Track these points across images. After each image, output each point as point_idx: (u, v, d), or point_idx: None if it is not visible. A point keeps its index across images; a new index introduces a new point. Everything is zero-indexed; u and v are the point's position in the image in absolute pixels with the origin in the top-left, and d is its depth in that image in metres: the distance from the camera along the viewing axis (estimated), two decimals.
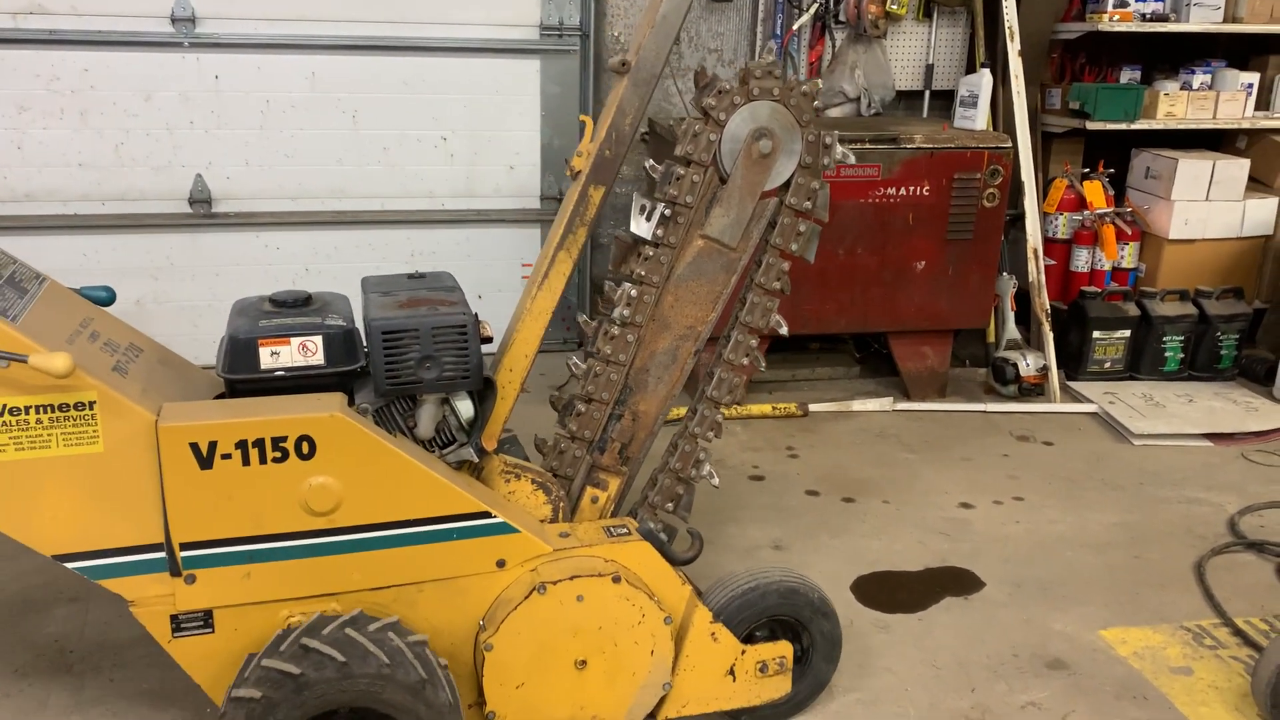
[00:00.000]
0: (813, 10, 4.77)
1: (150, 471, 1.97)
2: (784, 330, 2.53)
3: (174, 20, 4.23)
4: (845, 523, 3.46)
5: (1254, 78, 4.90)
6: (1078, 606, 2.99)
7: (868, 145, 4.21)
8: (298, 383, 2.15)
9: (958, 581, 3.13)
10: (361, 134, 4.53)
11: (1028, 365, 4.55)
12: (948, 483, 3.77)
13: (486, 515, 2.19)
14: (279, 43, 4.34)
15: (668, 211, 2.38)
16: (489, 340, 2.38)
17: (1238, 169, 4.84)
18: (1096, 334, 4.73)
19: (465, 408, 2.34)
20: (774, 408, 4.39)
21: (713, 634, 2.34)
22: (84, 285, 2.26)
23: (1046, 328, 4.63)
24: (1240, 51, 5.11)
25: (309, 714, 1.97)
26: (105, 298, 2.26)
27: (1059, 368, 4.67)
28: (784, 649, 2.41)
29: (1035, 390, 4.57)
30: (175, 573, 2.04)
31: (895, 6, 4.70)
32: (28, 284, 2.04)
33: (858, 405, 4.51)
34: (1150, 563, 3.24)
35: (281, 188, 4.53)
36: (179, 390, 2.15)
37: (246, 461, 1.99)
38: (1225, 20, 4.74)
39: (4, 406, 1.87)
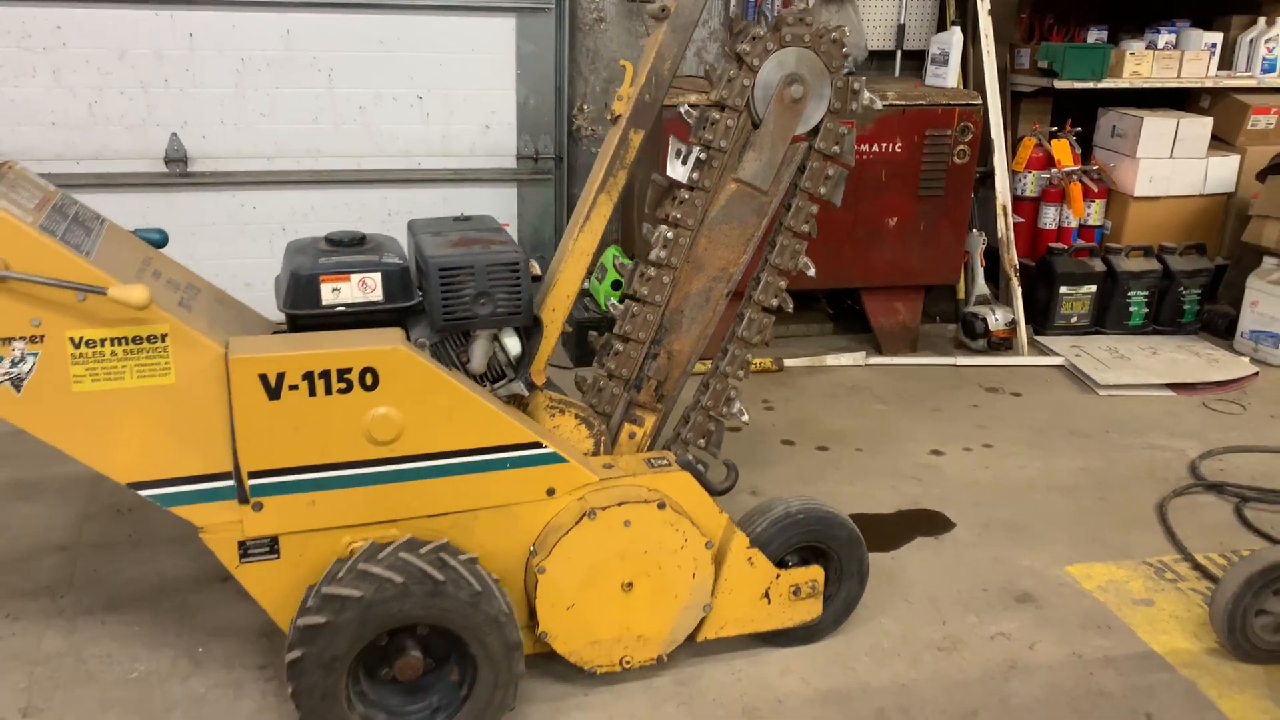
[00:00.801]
0: None
1: (220, 402, 2.08)
2: (811, 272, 2.67)
3: None
4: (820, 470, 3.56)
5: (1217, 38, 5.04)
6: (1045, 545, 3.11)
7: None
8: (357, 318, 2.28)
9: (929, 523, 3.24)
10: (337, 93, 4.55)
11: (996, 320, 4.66)
12: (919, 432, 3.88)
13: (538, 445, 2.32)
14: (252, 1, 4.31)
15: (703, 155, 2.48)
16: (538, 278, 2.53)
17: (1201, 127, 4.97)
18: (1063, 289, 4.85)
19: (513, 344, 2.47)
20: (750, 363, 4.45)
21: (749, 559, 2.50)
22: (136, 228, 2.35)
23: (1015, 283, 4.75)
24: (1205, 12, 5.25)
25: (372, 634, 2.10)
26: (159, 239, 2.37)
27: (1027, 322, 4.80)
28: (816, 573, 2.58)
29: (1004, 344, 4.69)
30: (243, 500, 2.15)
31: None
32: (91, 223, 2.15)
33: (831, 360, 4.60)
34: (1114, 504, 3.37)
35: (257, 147, 4.55)
36: (239, 326, 2.28)
37: (313, 392, 2.09)
38: None
39: (80, 339, 1.97)
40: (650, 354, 2.61)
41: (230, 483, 2.13)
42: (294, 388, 2.07)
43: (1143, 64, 4.98)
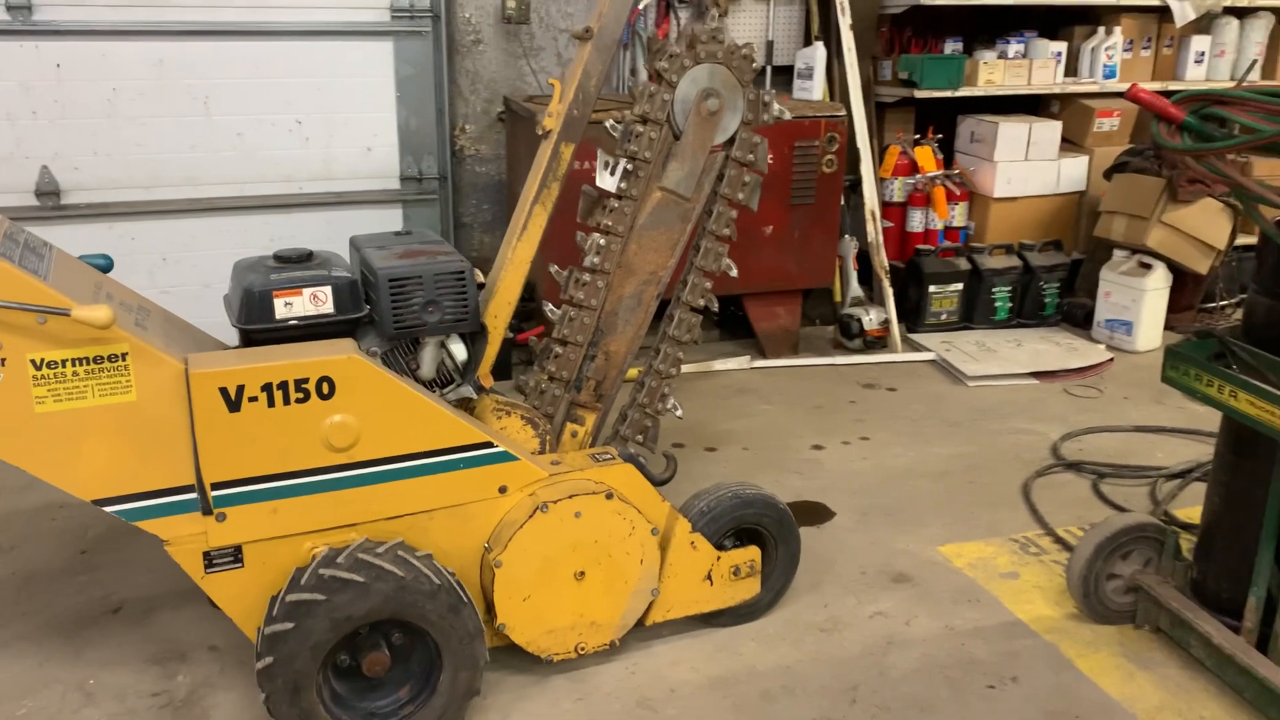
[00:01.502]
0: None
1: (181, 417, 2.19)
2: (734, 272, 2.91)
3: (9, 8, 4.18)
4: (707, 469, 3.70)
5: (1062, 47, 5.39)
6: (919, 528, 3.27)
7: None
8: (309, 331, 2.42)
9: (811, 513, 3.39)
10: (214, 120, 4.55)
11: (871, 320, 4.87)
12: (801, 429, 4.04)
13: (489, 445, 2.47)
14: (123, 29, 4.39)
15: (629, 166, 2.70)
16: (481, 286, 2.70)
17: (1052, 131, 5.29)
18: (932, 288, 5.09)
19: (459, 350, 2.65)
20: (640, 371, 4.55)
21: (692, 543, 2.70)
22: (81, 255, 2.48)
23: (886, 285, 4.97)
24: (1051, 22, 5.60)
25: (339, 634, 2.21)
26: (104, 265, 2.49)
27: (900, 321, 5.02)
28: (753, 553, 2.79)
29: (879, 343, 4.91)
30: (207, 511, 2.25)
31: None
32: (41, 250, 2.27)
33: (718, 365, 4.73)
34: (983, 486, 3.56)
35: (133, 177, 4.53)
36: (192, 343, 2.42)
37: (272, 403, 2.22)
38: None
39: (42, 360, 2.07)
40: (589, 356, 2.81)
41: (193, 495, 2.24)
42: (253, 399, 2.20)
43: (995, 73, 5.28)
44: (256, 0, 4.60)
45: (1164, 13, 5.64)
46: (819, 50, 4.99)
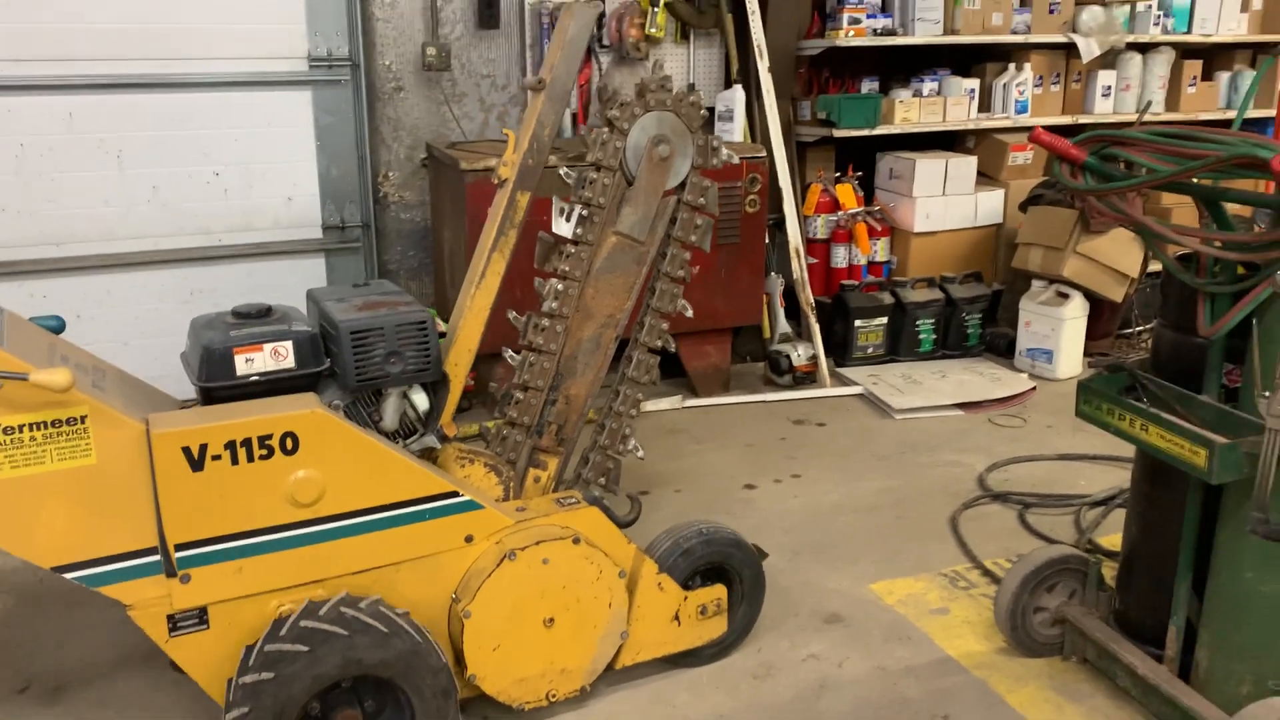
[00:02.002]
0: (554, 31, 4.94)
1: (143, 478, 2.18)
2: (689, 313, 3.01)
3: None
4: (643, 514, 3.61)
5: (975, 84, 5.51)
6: (850, 565, 3.29)
7: None
8: (270, 386, 2.43)
9: None
10: (128, 173, 4.48)
11: (799, 356, 4.91)
12: (733, 468, 4.05)
13: (455, 495, 2.50)
14: (30, 84, 4.35)
15: (584, 212, 2.78)
16: (442, 335, 2.74)
17: (967, 166, 5.42)
18: (858, 323, 5.15)
19: (421, 400, 2.67)
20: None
21: (659, 584, 2.75)
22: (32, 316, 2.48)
23: (813, 320, 5.03)
24: (963, 60, 5.74)
25: (315, 688, 2.22)
26: (56, 326, 2.48)
27: (827, 356, 5.07)
28: (720, 591, 2.85)
29: (808, 378, 4.94)
30: (171, 574, 2.24)
31: (654, 30, 5.04)
32: None
33: (650, 406, 4.73)
34: (912, 520, 3.59)
35: (44, 234, 4.45)
36: (150, 403, 2.41)
37: (235, 461, 2.23)
38: (945, 33, 5.33)
39: None
40: (549, 400, 2.86)
41: (157, 557, 2.23)
42: (216, 458, 2.21)
43: (911, 111, 5.39)
44: (169, 52, 4.58)
45: (1071, 49, 5.85)
46: (738, 93, 5.06)
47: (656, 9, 5.25)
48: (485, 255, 2.76)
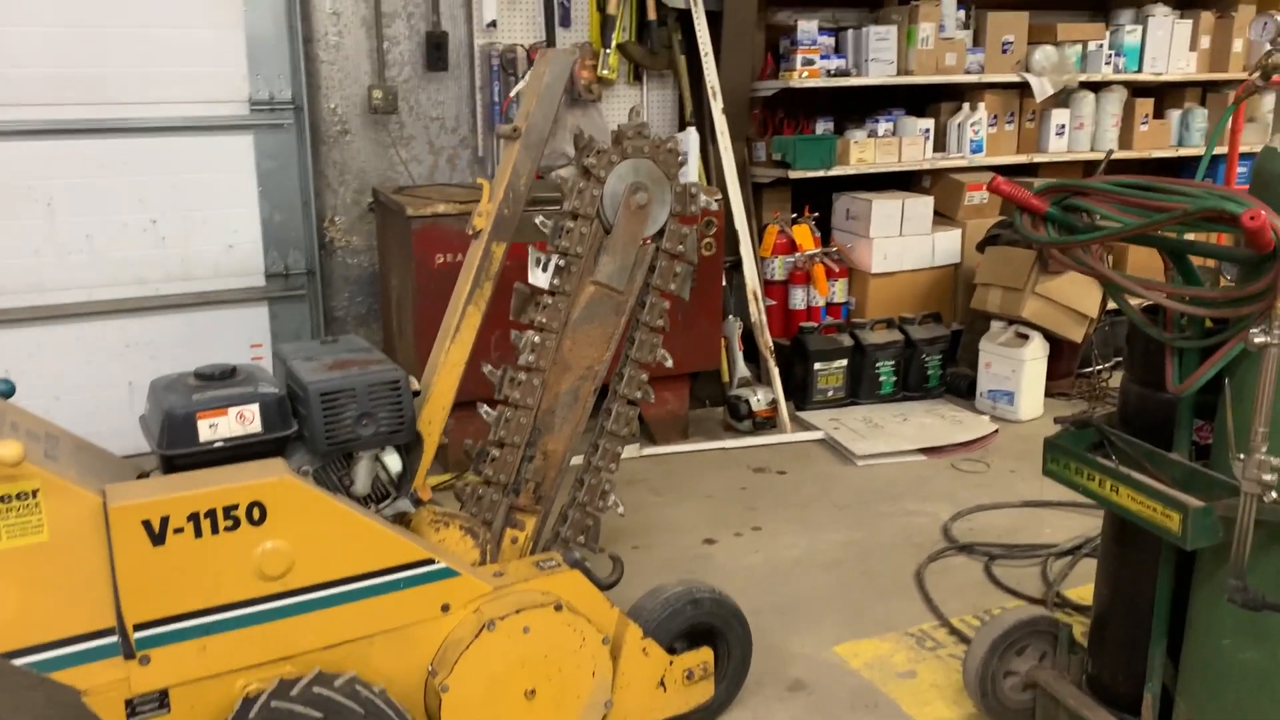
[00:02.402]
0: (528, 77, 4.85)
1: (99, 554, 2.06)
2: (669, 363, 2.91)
3: None
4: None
5: (930, 123, 5.44)
6: (813, 626, 3.18)
7: None
8: (236, 452, 2.30)
9: None
10: (60, 222, 4.32)
11: (759, 400, 4.82)
12: (692, 521, 3.94)
13: (430, 562, 2.38)
14: None
15: (561, 262, 2.69)
16: (415, 393, 2.62)
17: (924, 206, 5.37)
18: (818, 365, 5.06)
19: (394, 462, 2.56)
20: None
21: (644, 649, 2.64)
22: None
23: (772, 364, 4.94)
24: (917, 100, 5.67)
25: None
26: (6, 390, 2.36)
27: (787, 399, 4.97)
28: (705, 655, 2.75)
29: (768, 423, 4.83)
30: (129, 655, 2.12)
31: (606, 71, 4.92)
32: None
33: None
34: (876, 575, 3.49)
35: None
36: (108, 473, 2.27)
37: (199, 533, 2.11)
38: (899, 73, 5.25)
39: None
40: (526, 457, 2.75)
41: (114, 638, 2.10)
42: (179, 531, 2.09)
43: (866, 151, 5.35)
44: (105, 97, 4.41)
45: (1025, 88, 5.83)
46: (692, 135, 4.98)
47: (609, 50, 5.18)
48: (460, 308, 2.67)
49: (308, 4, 4.83)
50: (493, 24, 5.03)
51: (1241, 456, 2.11)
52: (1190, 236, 2.40)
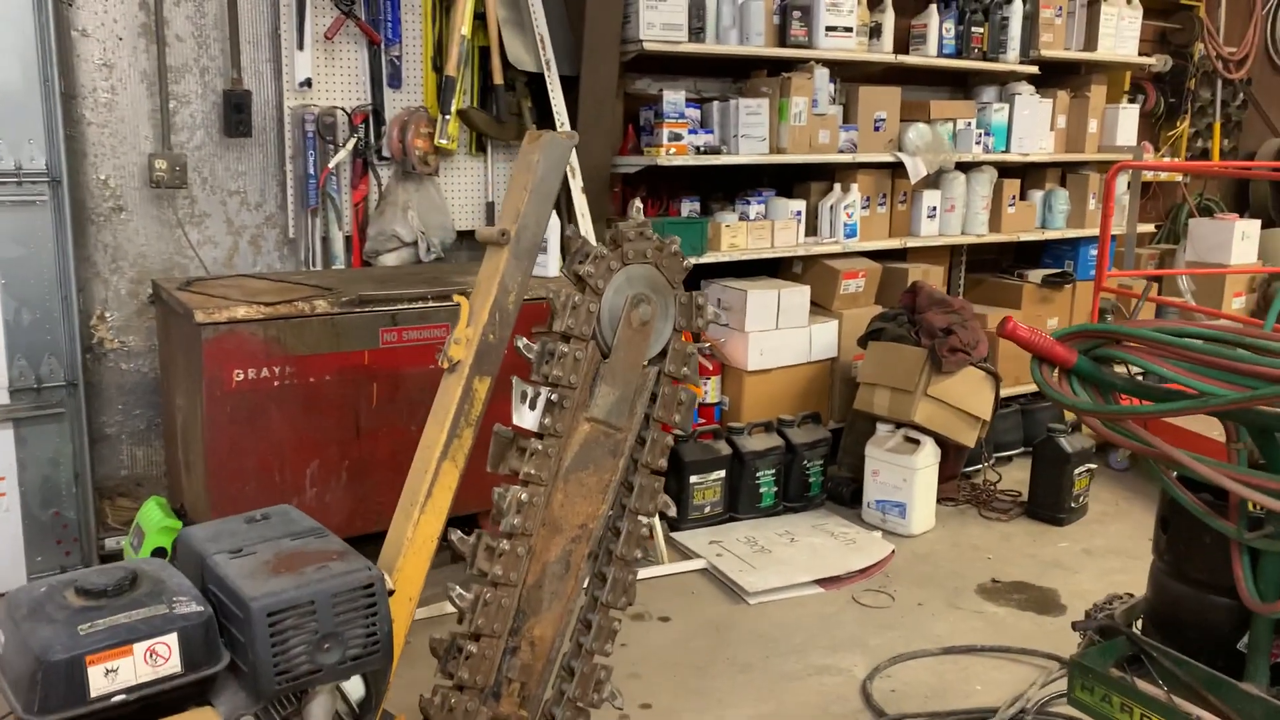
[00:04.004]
0: (351, 145, 4.11)
1: None
2: (671, 510, 2.51)
3: None
4: None
5: (801, 205, 4.92)
6: None
7: (431, 304, 3.54)
8: (145, 703, 1.65)
9: None
10: None
11: None
12: None
13: None
14: None
15: (554, 396, 2.24)
16: (391, 593, 2.03)
17: (800, 295, 4.87)
18: (694, 479, 4.44)
19: (355, 687, 2.00)
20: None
21: None
22: None
23: None
24: (785, 179, 5.17)
25: None
26: None
27: (661, 519, 4.20)
28: None
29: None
30: None
31: (445, 141, 4.15)
32: None
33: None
34: None
35: None
36: None
37: None
38: (771, 151, 4.74)
39: None
40: (509, 649, 2.23)
41: None
42: None
43: (739, 236, 4.80)
44: None
45: (895, 168, 5.41)
46: (552, 219, 4.26)
47: (448, 116, 4.41)
48: (432, 465, 2.16)
49: (68, 51, 3.85)
50: (307, 83, 4.18)
51: None
52: None
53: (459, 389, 2.23)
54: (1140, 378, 1.79)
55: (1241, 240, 6.38)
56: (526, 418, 2.26)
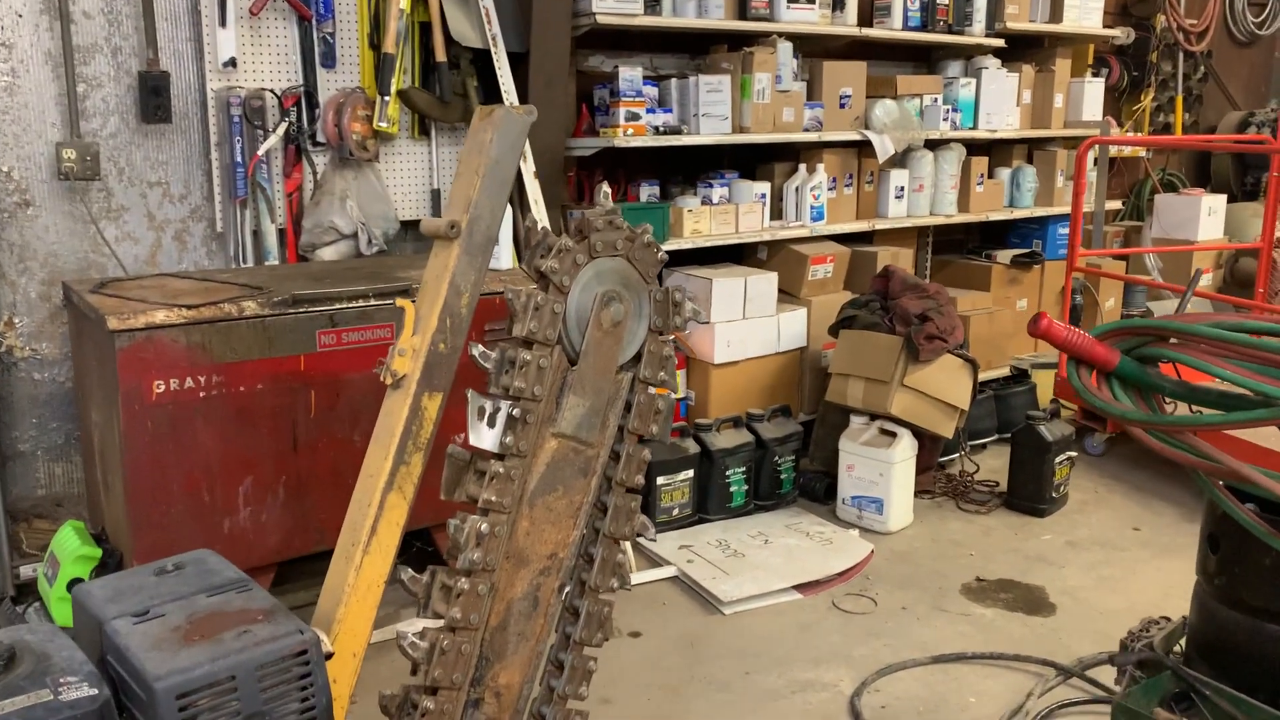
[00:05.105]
0: (282, 131, 3.78)
1: None
2: (651, 532, 2.29)
3: None
4: None
5: (765, 187, 4.67)
6: None
7: (373, 302, 3.23)
8: None
9: None
10: None
11: None
12: None
13: None
14: None
15: (515, 410, 1.99)
16: (329, 656, 1.80)
17: (767, 284, 4.63)
18: (661, 480, 4.18)
19: None
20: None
21: None
22: None
23: None
24: (747, 160, 4.90)
25: None
26: None
27: None
28: None
29: None
30: None
31: (384, 124, 3.84)
32: None
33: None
34: None
35: None
36: None
37: None
38: (734, 130, 4.48)
39: None
40: (471, 701, 2.00)
41: None
42: None
43: (702, 221, 4.53)
44: None
45: (862, 147, 5.17)
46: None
47: (387, 97, 4.07)
48: (376, 498, 1.91)
49: None
50: (231, 63, 3.81)
51: None
52: None
53: (405, 408, 1.98)
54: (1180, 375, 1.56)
55: (1208, 215, 6.24)
56: (485, 436, 2.02)
